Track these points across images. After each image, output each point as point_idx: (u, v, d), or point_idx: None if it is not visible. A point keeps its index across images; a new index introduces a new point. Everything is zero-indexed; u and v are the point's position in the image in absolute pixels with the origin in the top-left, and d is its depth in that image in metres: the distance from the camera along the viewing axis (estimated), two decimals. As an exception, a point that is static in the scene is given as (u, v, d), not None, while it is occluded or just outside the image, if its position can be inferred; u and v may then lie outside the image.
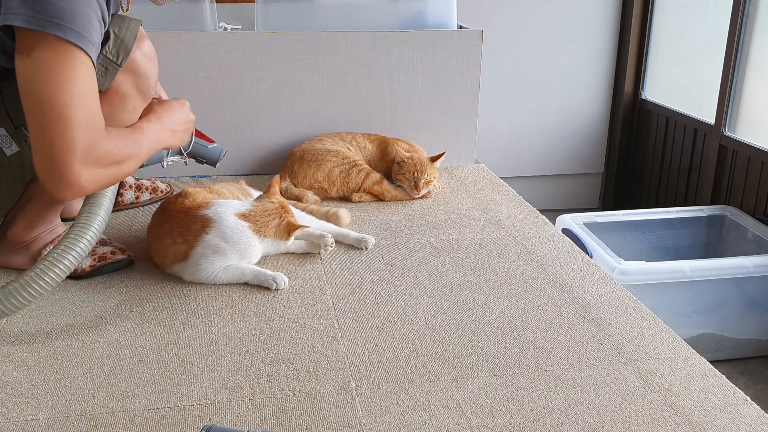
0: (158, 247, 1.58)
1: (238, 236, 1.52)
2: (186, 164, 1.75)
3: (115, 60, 1.38)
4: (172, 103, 1.53)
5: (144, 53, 1.46)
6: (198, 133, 1.71)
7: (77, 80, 1.19)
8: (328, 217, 1.86)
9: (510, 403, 1.15)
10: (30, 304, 1.30)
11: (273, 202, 1.60)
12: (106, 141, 1.26)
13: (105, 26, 1.31)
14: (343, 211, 1.88)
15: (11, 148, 1.40)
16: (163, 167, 1.71)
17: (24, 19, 1.16)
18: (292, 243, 1.66)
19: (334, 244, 1.69)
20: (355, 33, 2.23)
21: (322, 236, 1.68)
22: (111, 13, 1.36)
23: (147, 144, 1.40)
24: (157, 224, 1.61)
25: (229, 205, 1.56)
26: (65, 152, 1.19)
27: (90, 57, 1.22)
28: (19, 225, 1.55)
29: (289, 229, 1.58)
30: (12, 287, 1.27)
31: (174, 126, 1.49)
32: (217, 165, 1.75)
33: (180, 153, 1.68)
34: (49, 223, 1.60)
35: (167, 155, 1.68)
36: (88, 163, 1.22)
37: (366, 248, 1.75)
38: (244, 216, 1.55)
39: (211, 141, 1.74)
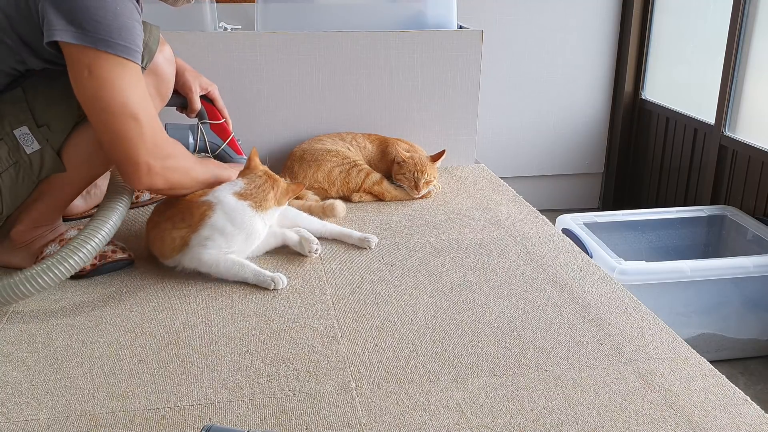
0: (157, 234, 1.58)
1: (241, 216, 1.54)
2: None
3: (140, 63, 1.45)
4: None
5: (166, 57, 1.55)
6: (232, 142, 1.83)
7: (136, 87, 1.35)
8: (324, 209, 1.90)
9: (510, 403, 1.15)
10: (30, 296, 1.36)
11: (260, 176, 1.61)
12: (169, 143, 1.45)
13: None
14: (339, 203, 1.93)
15: (32, 146, 1.42)
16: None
17: (72, 35, 1.26)
18: (288, 233, 1.68)
19: (318, 252, 1.68)
20: (355, 33, 2.23)
21: (309, 241, 1.68)
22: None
23: (204, 169, 1.58)
24: (157, 213, 1.62)
25: (225, 187, 1.58)
26: (138, 148, 1.36)
27: (138, 64, 1.35)
28: (23, 224, 1.55)
29: (289, 190, 1.62)
30: (17, 279, 1.33)
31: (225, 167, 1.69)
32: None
33: (207, 152, 1.81)
34: (51, 223, 1.60)
35: (195, 149, 1.79)
36: (157, 158, 1.40)
37: (370, 248, 1.75)
38: (241, 195, 1.56)
39: (241, 154, 1.86)
